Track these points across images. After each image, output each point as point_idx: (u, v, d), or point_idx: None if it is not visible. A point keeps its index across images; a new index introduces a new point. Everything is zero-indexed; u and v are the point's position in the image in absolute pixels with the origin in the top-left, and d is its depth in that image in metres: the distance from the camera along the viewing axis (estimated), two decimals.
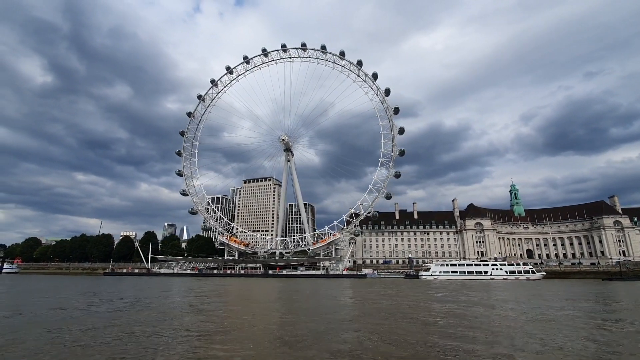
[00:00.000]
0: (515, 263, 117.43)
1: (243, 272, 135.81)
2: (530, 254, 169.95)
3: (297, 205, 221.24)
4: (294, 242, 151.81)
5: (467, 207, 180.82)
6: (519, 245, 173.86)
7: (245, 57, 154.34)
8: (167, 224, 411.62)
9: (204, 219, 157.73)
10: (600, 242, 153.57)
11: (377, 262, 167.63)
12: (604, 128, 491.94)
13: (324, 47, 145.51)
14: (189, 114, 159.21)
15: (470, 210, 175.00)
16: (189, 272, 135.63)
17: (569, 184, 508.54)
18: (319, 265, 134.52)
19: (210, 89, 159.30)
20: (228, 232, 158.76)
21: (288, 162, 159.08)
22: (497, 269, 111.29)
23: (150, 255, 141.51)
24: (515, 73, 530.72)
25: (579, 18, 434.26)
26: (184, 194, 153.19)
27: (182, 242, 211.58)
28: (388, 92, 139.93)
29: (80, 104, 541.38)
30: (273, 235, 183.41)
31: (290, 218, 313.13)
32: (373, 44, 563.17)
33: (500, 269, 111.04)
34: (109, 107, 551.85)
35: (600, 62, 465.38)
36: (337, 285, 69.66)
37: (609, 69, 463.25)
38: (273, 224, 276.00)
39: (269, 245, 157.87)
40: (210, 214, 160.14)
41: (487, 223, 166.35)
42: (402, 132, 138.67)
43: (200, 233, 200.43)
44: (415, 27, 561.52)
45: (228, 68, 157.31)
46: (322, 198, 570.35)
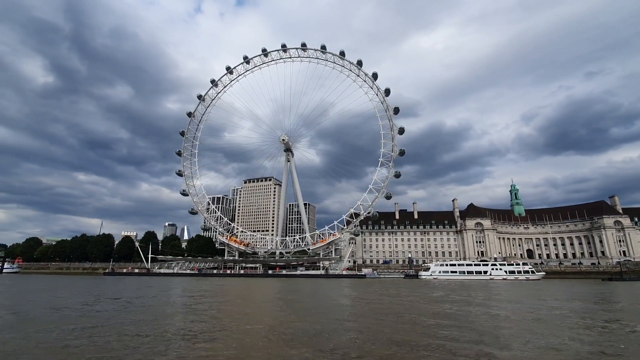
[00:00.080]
0: (515, 263, 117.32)
1: (243, 272, 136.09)
2: (531, 254, 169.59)
3: (297, 205, 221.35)
4: (294, 242, 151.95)
5: (467, 207, 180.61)
6: (519, 245, 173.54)
7: (246, 57, 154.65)
8: (167, 224, 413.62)
9: (204, 219, 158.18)
10: (601, 242, 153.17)
11: (377, 262, 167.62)
12: (605, 128, 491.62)
13: (324, 47, 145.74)
14: (189, 114, 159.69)
15: (471, 210, 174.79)
16: (189, 272, 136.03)
17: (570, 184, 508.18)
18: (319, 265, 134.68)
19: (211, 89, 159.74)
20: (228, 232, 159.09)
21: (288, 162, 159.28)
22: (496, 269, 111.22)
23: (151, 255, 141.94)
24: (516, 73, 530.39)
25: (579, 18, 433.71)
26: (184, 194, 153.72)
27: (182, 242, 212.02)
28: (388, 92, 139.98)
29: (82, 104, 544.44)
30: (273, 235, 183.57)
31: (291, 218, 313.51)
32: (373, 44, 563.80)
33: (500, 269, 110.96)
34: (110, 107, 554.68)
35: (601, 62, 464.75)
36: (335, 286, 69.72)
37: (610, 69, 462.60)
38: (273, 224, 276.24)
39: (269, 245, 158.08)
40: (211, 214, 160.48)
41: (487, 223, 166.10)
42: (402, 132, 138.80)
43: (201, 233, 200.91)
44: (416, 27, 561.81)
45: (228, 68, 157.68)
46: (322, 198, 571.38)
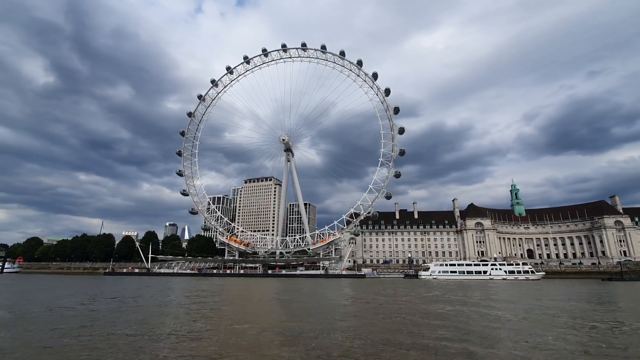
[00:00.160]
0: (515, 263, 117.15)
1: (242, 271, 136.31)
2: (531, 254, 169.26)
3: (297, 205, 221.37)
4: (294, 242, 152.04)
5: (467, 207, 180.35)
6: (520, 245, 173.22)
7: (246, 57, 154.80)
8: (168, 224, 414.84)
9: (205, 219, 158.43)
10: (601, 242, 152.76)
11: (377, 262, 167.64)
12: (607, 127, 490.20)
13: (324, 47, 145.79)
14: (189, 114, 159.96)
15: (471, 210, 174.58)
16: (189, 271, 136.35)
17: (572, 184, 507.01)
18: (319, 265, 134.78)
19: (211, 89, 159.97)
20: (228, 232, 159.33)
21: (288, 162, 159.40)
22: (496, 269, 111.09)
23: (151, 255, 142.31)
24: (517, 72, 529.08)
25: (580, 17, 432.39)
26: (185, 194, 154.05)
27: (183, 242, 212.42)
28: (388, 91, 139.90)
29: (83, 105, 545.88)
30: (273, 235, 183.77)
31: (291, 218, 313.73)
32: (374, 44, 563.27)
33: (500, 269, 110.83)
34: (111, 107, 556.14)
35: (603, 61, 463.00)
36: (334, 285, 69.74)
37: (611, 69, 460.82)
38: (274, 224, 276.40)
39: (269, 245, 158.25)
40: (211, 214, 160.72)
41: (487, 223, 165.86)
42: (402, 131, 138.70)
43: (201, 233, 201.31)
44: (416, 26, 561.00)
45: (228, 68, 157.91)
46: (323, 198, 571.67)
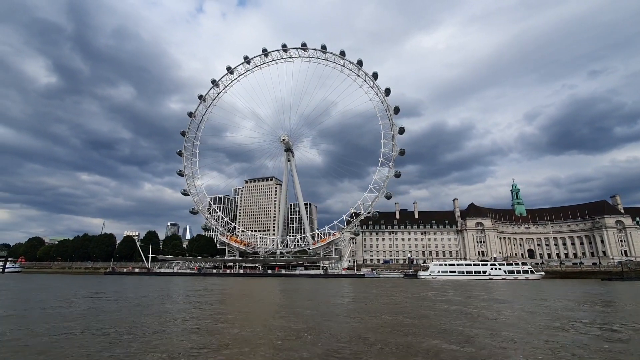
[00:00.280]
0: (515, 263, 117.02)
1: (242, 271, 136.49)
2: (532, 254, 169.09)
3: (298, 205, 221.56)
4: (295, 241, 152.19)
5: (467, 206, 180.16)
6: (520, 245, 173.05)
7: (246, 57, 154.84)
8: (170, 224, 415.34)
9: (205, 219, 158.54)
10: (602, 242, 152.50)
11: (377, 261, 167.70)
12: (609, 127, 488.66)
13: (324, 47, 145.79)
14: (190, 114, 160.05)
15: (471, 210, 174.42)
16: (189, 271, 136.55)
17: (573, 184, 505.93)
18: (319, 265, 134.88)
19: (211, 89, 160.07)
20: (229, 231, 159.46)
21: (288, 162, 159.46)
22: (495, 269, 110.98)
23: (151, 255, 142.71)
24: (519, 72, 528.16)
25: (582, 17, 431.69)
26: (185, 194, 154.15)
27: (184, 241, 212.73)
28: (388, 91, 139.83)
29: (84, 105, 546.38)
30: (274, 235, 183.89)
31: (292, 218, 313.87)
32: (375, 44, 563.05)
33: (499, 269, 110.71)
34: (113, 107, 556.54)
35: (604, 60, 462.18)
36: (332, 285, 69.61)
37: (613, 68, 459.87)
38: (274, 224, 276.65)
39: (270, 245, 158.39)
40: (211, 214, 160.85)
41: (487, 223, 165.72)
42: (402, 131, 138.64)
43: (202, 233, 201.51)
44: (417, 26, 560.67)
45: (229, 68, 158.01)
46: (325, 198, 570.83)
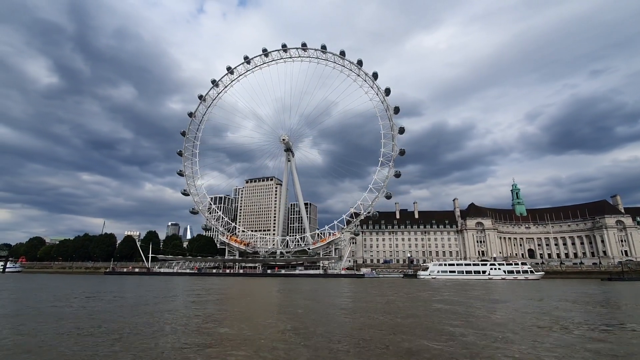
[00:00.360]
0: (514, 263, 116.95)
1: (242, 271, 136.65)
2: (532, 254, 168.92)
3: (298, 205, 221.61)
4: (295, 241, 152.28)
5: (468, 206, 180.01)
6: (521, 245, 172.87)
7: (246, 57, 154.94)
8: (170, 224, 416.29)
9: (205, 219, 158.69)
10: (602, 241, 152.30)
11: (377, 261, 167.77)
12: (610, 126, 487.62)
13: (324, 46, 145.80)
14: (190, 114, 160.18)
15: (471, 210, 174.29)
16: (188, 271, 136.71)
17: (575, 183, 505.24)
18: (319, 265, 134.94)
19: (211, 89, 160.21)
20: (229, 231, 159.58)
21: (289, 162, 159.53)
22: (495, 269, 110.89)
23: (151, 255, 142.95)
24: (520, 71, 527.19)
25: (583, 16, 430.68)
26: (185, 194, 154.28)
27: (184, 241, 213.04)
28: (388, 91, 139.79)
29: (86, 105, 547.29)
30: (274, 235, 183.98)
31: (292, 217, 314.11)
32: (376, 44, 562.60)
33: (499, 269, 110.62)
34: (114, 107, 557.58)
35: (606, 60, 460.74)
36: (330, 285, 69.45)
37: (614, 67, 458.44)
38: (275, 224, 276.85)
39: (270, 245, 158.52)
40: (212, 214, 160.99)
41: (488, 223, 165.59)
42: (402, 131, 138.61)
43: (203, 233, 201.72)
44: (419, 26, 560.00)
45: (229, 68, 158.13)
46: (325, 198, 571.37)
